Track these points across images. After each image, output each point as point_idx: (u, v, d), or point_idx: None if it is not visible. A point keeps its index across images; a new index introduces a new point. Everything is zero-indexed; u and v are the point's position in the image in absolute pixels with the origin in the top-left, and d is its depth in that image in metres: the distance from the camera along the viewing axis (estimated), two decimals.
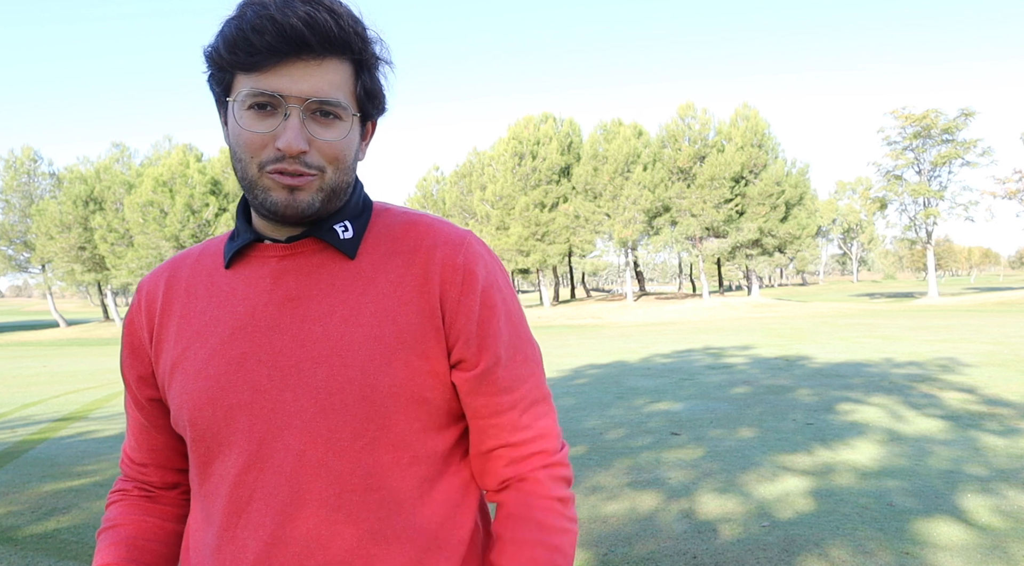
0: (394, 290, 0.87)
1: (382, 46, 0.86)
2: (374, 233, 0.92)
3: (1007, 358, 10.14)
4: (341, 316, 0.85)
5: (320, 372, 0.83)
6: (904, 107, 38.86)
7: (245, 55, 0.79)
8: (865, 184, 67.47)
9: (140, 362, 0.96)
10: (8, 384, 13.03)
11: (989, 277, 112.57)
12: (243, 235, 0.91)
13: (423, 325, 0.86)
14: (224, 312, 0.89)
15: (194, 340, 0.89)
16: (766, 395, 7.76)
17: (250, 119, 0.81)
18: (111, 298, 41.88)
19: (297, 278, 0.88)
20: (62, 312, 47.55)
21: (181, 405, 0.88)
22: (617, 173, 37.80)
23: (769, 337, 16.26)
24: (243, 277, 0.90)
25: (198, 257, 0.97)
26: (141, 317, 0.96)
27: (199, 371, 0.87)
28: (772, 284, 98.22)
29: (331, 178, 0.84)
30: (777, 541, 3.44)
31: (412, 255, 0.89)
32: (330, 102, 0.81)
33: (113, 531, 0.97)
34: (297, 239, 0.89)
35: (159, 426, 0.98)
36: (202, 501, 0.90)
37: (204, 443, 0.87)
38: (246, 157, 0.83)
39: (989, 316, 22.35)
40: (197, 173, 35.61)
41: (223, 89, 0.85)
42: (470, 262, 0.89)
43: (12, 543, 3.81)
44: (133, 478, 1.02)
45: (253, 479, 0.84)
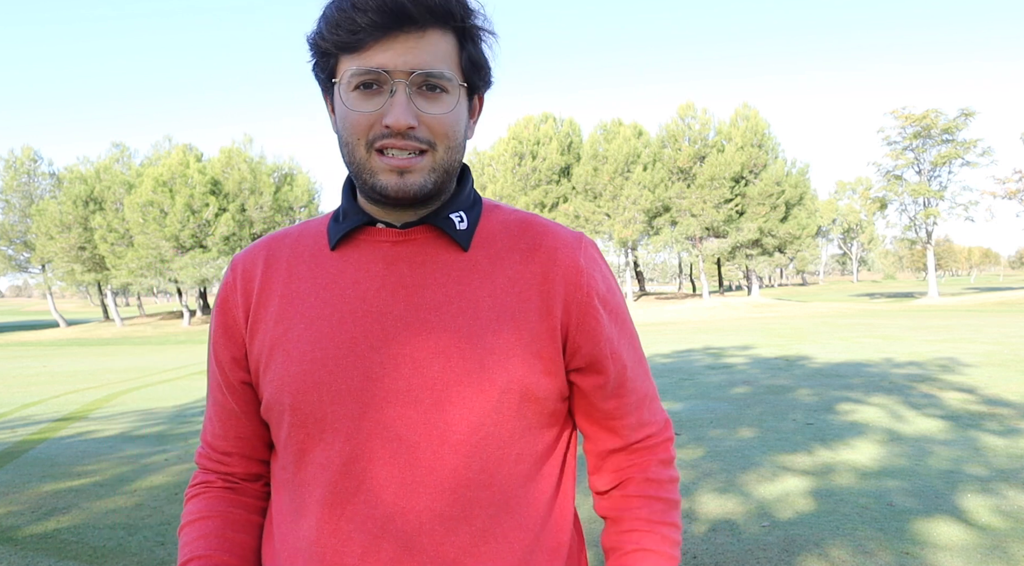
0: (512, 287, 0.85)
1: (484, 16, 0.84)
2: (487, 227, 0.90)
3: (1007, 358, 10.14)
4: (458, 307, 0.83)
5: (436, 364, 0.81)
6: (904, 107, 38.88)
7: (347, 34, 0.78)
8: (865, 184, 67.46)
9: (233, 342, 0.91)
10: (8, 384, 13.03)
11: (989, 277, 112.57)
12: (352, 217, 0.88)
13: (541, 325, 0.84)
14: (332, 295, 0.86)
15: (298, 321, 0.85)
16: (766, 395, 7.76)
17: (356, 100, 0.80)
18: (111, 298, 41.86)
19: (411, 266, 0.85)
20: (62, 312, 47.55)
21: (281, 388, 0.84)
22: (617, 173, 37.80)
23: (769, 337, 16.26)
24: (352, 260, 0.87)
25: (298, 236, 0.93)
26: (236, 295, 0.91)
27: (304, 353, 0.83)
28: (772, 284, 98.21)
29: (441, 157, 0.82)
30: (777, 541, 3.44)
31: (531, 253, 0.87)
32: (435, 74, 0.79)
33: (200, 523, 0.93)
34: (412, 225, 0.87)
35: (248, 412, 0.93)
36: (294, 490, 0.86)
37: (304, 429, 0.83)
38: (353, 139, 0.81)
39: (989, 316, 22.35)
40: (197, 173, 35.59)
41: (328, 74, 0.83)
42: (591, 266, 0.89)
43: (12, 543, 3.81)
44: (214, 470, 0.97)
45: (361, 470, 0.81)
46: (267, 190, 36.97)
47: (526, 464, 0.85)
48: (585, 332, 0.86)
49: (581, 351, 0.86)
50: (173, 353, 21.36)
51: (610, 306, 0.89)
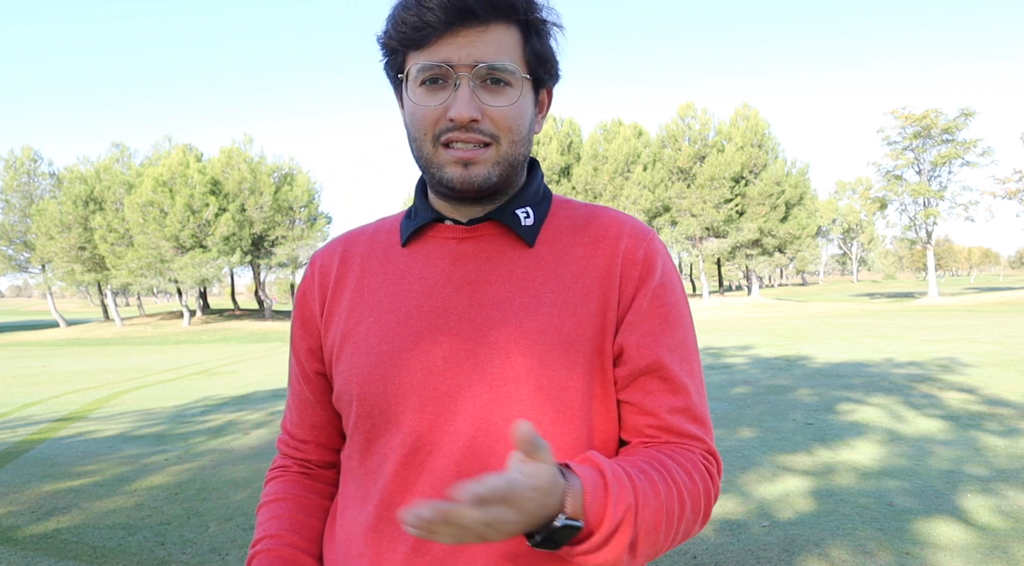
0: (575, 281, 0.85)
1: (550, 9, 0.84)
2: (554, 223, 0.90)
3: (1007, 358, 10.14)
4: (520, 304, 0.84)
5: (496, 359, 0.82)
6: (904, 107, 38.87)
7: (413, 31, 0.79)
8: (865, 184, 67.43)
9: (310, 334, 0.95)
10: (8, 384, 13.03)
11: (989, 277, 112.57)
12: (422, 214, 0.91)
13: (602, 318, 0.84)
14: (400, 289, 0.88)
15: (367, 315, 0.88)
16: (766, 395, 7.76)
17: (422, 95, 0.81)
18: (111, 298, 41.85)
19: (476, 262, 0.87)
20: (62, 312, 47.54)
21: (349, 379, 0.87)
22: (617, 173, 37.80)
23: (769, 337, 16.26)
24: (420, 256, 0.89)
25: (373, 233, 0.96)
26: (314, 289, 0.95)
27: (372, 346, 0.86)
28: (772, 284, 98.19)
29: (506, 150, 0.83)
30: (777, 541, 3.44)
31: (595, 246, 0.87)
32: (498, 67, 0.80)
33: (275, 505, 0.96)
34: (478, 222, 0.88)
35: (322, 402, 0.97)
36: (359, 478, 0.89)
37: (370, 420, 0.86)
38: (420, 134, 0.83)
39: (989, 316, 22.35)
40: (197, 173, 35.57)
41: (396, 72, 0.85)
42: (651, 255, 0.87)
43: (12, 543, 3.81)
44: (292, 456, 1.01)
45: (420, 462, 0.82)
46: (267, 190, 36.95)
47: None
48: (627, 324, 0.85)
49: (618, 338, 0.85)
50: (173, 353, 21.36)
51: (660, 303, 0.86)
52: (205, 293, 42.33)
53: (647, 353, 0.84)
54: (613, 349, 0.85)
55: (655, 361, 0.84)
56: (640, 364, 0.84)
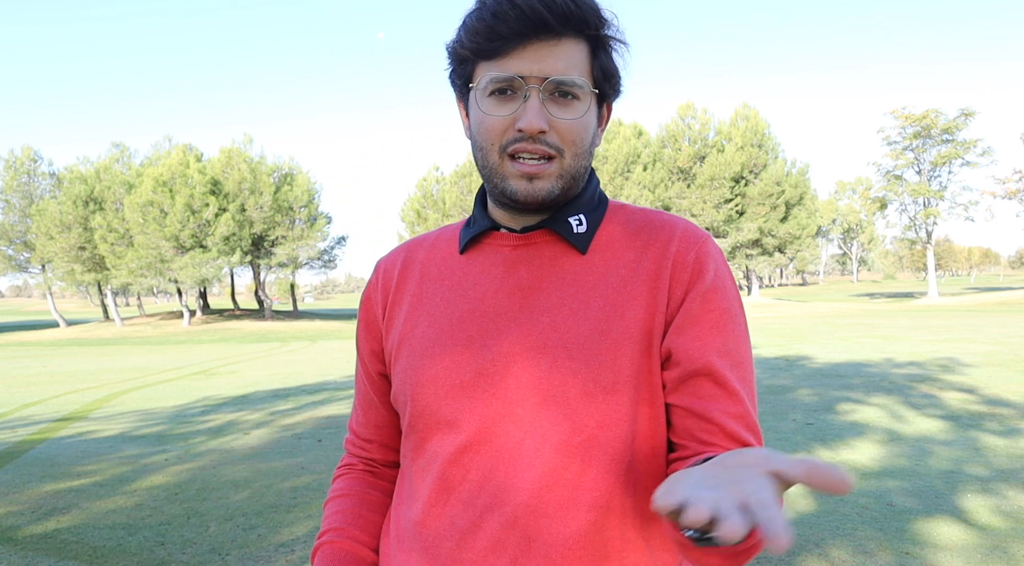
0: (624, 285, 0.86)
1: (618, 27, 0.86)
2: (608, 229, 0.91)
3: (1007, 358, 10.14)
4: (570, 309, 0.85)
5: (544, 362, 0.83)
6: (904, 107, 38.92)
7: (486, 42, 0.80)
8: (865, 184, 67.45)
9: (372, 337, 0.99)
10: (8, 384, 13.02)
11: (989, 277, 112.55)
12: (479, 222, 0.93)
13: (650, 322, 0.84)
14: (456, 295, 0.91)
15: (423, 319, 0.91)
16: (766, 395, 7.76)
17: (491, 105, 0.82)
18: (111, 298, 41.84)
19: (529, 269, 0.88)
20: (62, 312, 47.53)
21: (405, 381, 0.90)
22: (617, 173, 37.80)
23: (769, 337, 16.26)
24: (477, 263, 0.92)
25: (434, 241, 0.99)
26: (377, 293, 0.99)
27: (426, 349, 0.89)
28: (772, 284, 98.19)
29: (569, 163, 0.84)
30: None
31: (646, 249, 0.88)
32: (567, 81, 0.81)
33: (341, 500, 1.01)
34: (531, 229, 0.90)
35: (384, 403, 1.01)
36: (412, 477, 0.92)
37: (423, 420, 0.88)
38: (487, 144, 0.84)
39: (989, 316, 22.35)
40: (197, 173, 35.56)
41: (464, 81, 0.86)
42: (702, 258, 0.87)
43: (12, 543, 3.81)
44: (357, 455, 1.06)
45: (468, 460, 0.84)
46: (267, 190, 36.94)
47: (628, 465, 0.83)
48: (676, 326, 0.84)
49: (666, 340, 0.84)
50: (173, 353, 21.36)
51: (711, 307, 0.85)
52: (205, 293, 42.32)
53: (697, 356, 0.83)
54: (661, 352, 0.84)
55: (705, 365, 0.83)
56: (690, 367, 0.83)
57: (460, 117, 0.92)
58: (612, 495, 0.82)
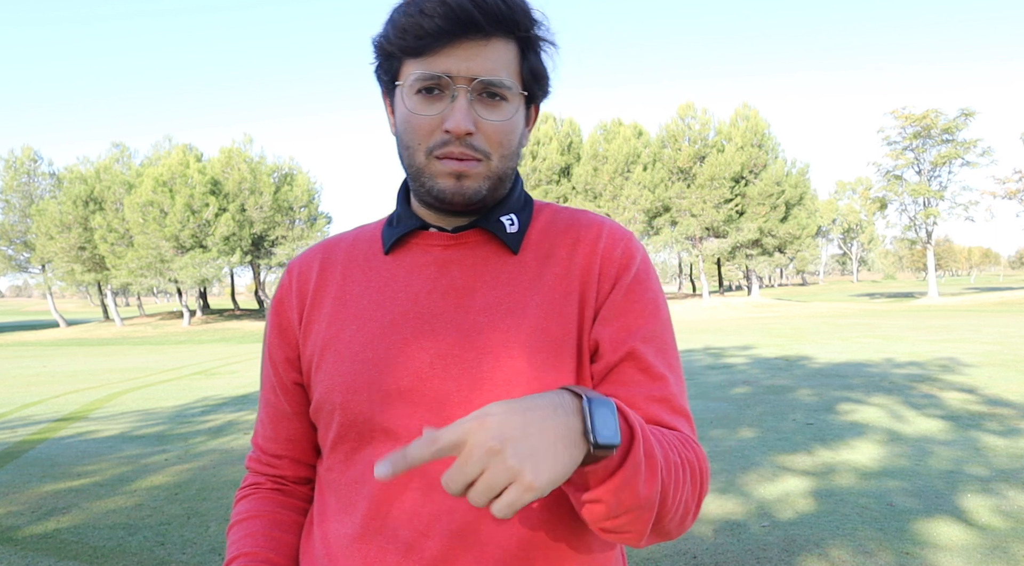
0: (559, 283, 0.86)
1: (547, 28, 0.85)
2: (537, 228, 0.91)
3: (1007, 358, 10.14)
4: (507, 308, 0.84)
5: (485, 364, 0.82)
6: (904, 107, 38.87)
7: (414, 39, 0.79)
8: (865, 184, 67.40)
9: (287, 344, 0.94)
10: (8, 384, 13.02)
11: (989, 277, 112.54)
12: (406, 222, 0.91)
13: (581, 315, 0.85)
14: (385, 298, 0.88)
15: (349, 323, 0.88)
16: (766, 395, 7.76)
17: (418, 103, 0.81)
18: (111, 298, 41.85)
19: (462, 269, 0.87)
20: (62, 312, 47.53)
21: (332, 387, 0.86)
22: (617, 173, 37.79)
23: (769, 337, 16.26)
24: (404, 264, 0.89)
25: (353, 241, 0.96)
26: (291, 298, 0.94)
27: (356, 354, 0.85)
28: (772, 284, 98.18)
29: (496, 165, 0.84)
30: (777, 541, 3.44)
31: (575, 248, 0.88)
32: (496, 82, 0.80)
33: (248, 523, 0.94)
34: (463, 229, 0.88)
35: (299, 413, 0.95)
36: (341, 489, 0.87)
37: (355, 428, 0.85)
38: (413, 143, 0.82)
39: (989, 316, 22.35)
40: (197, 173, 35.57)
41: (391, 77, 0.85)
42: (628, 253, 0.88)
43: (12, 543, 3.81)
44: (264, 472, 0.99)
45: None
46: (267, 190, 36.95)
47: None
48: (602, 318, 0.85)
49: (594, 332, 0.85)
50: (173, 353, 21.35)
51: (636, 298, 0.86)
52: (205, 293, 42.33)
53: (622, 345, 0.84)
54: (589, 345, 0.85)
55: (630, 351, 0.84)
56: (615, 356, 0.84)
57: (386, 113, 0.90)
58: (559, 497, 0.81)
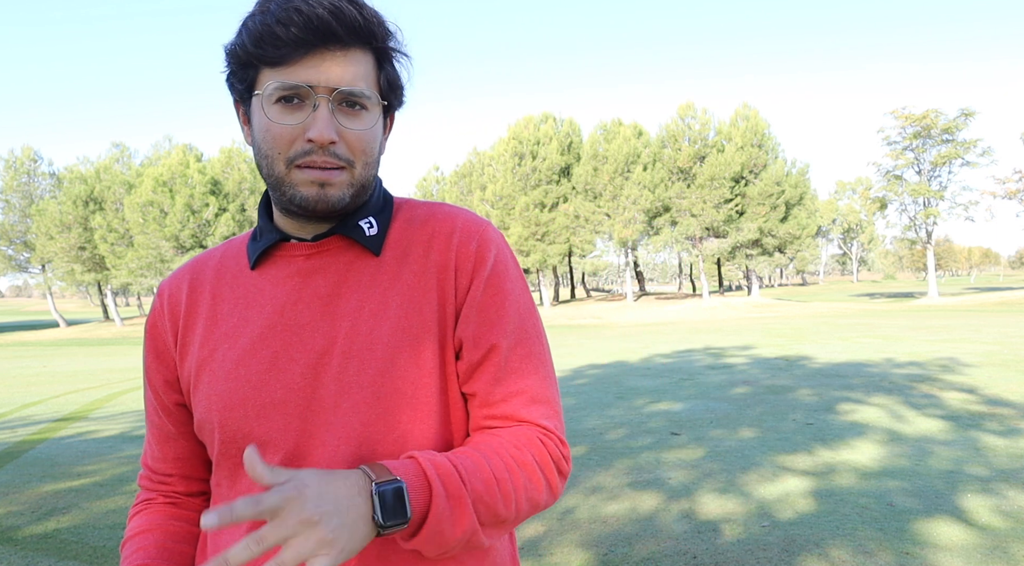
0: (417, 281, 0.87)
1: (401, 39, 0.87)
2: (397, 227, 0.92)
3: (1007, 358, 10.14)
4: (370, 311, 0.85)
5: (351, 367, 0.83)
6: (904, 107, 38.86)
7: (272, 48, 0.79)
8: (865, 184, 67.42)
9: (165, 366, 0.95)
10: (8, 384, 13.03)
11: (989, 277, 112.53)
12: (267, 235, 0.91)
13: (443, 313, 0.86)
14: (253, 312, 0.88)
15: (222, 341, 0.88)
16: (766, 395, 7.76)
17: (278, 113, 0.81)
18: (111, 298, 41.87)
19: (325, 276, 0.88)
20: (62, 312, 47.52)
21: (209, 406, 0.87)
22: (617, 173, 37.78)
23: (769, 337, 16.26)
24: (270, 277, 0.90)
25: (220, 259, 0.96)
26: (164, 320, 0.95)
27: (229, 372, 0.86)
28: (772, 284, 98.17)
29: (360, 173, 0.85)
30: (777, 541, 3.44)
31: (430, 243, 0.89)
32: (356, 92, 0.81)
33: (140, 537, 0.95)
34: (323, 237, 0.89)
35: (185, 433, 0.96)
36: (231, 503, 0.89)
37: (235, 445, 0.85)
38: (274, 153, 0.82)
39: (989, 316, 22.35)
40: (197, 173, 35.59)
41: (246, 86, 0.84)
42: (483, 248, 0.89)
43: (12, 543, 3.81)
44: (156, 490, 1.00)
45: None
46: None
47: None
48: (463, 313, 0.87)
49: (458, 330, 0.87)
50: None
51: (494, 289, 0.88)
52: None
53: (482, 342, 0.86)
54: (454, 342, 0.87)
55: (491, 347, 0.86)
56: (477, 354, 0.86)
57: (239, 122, 0.90)
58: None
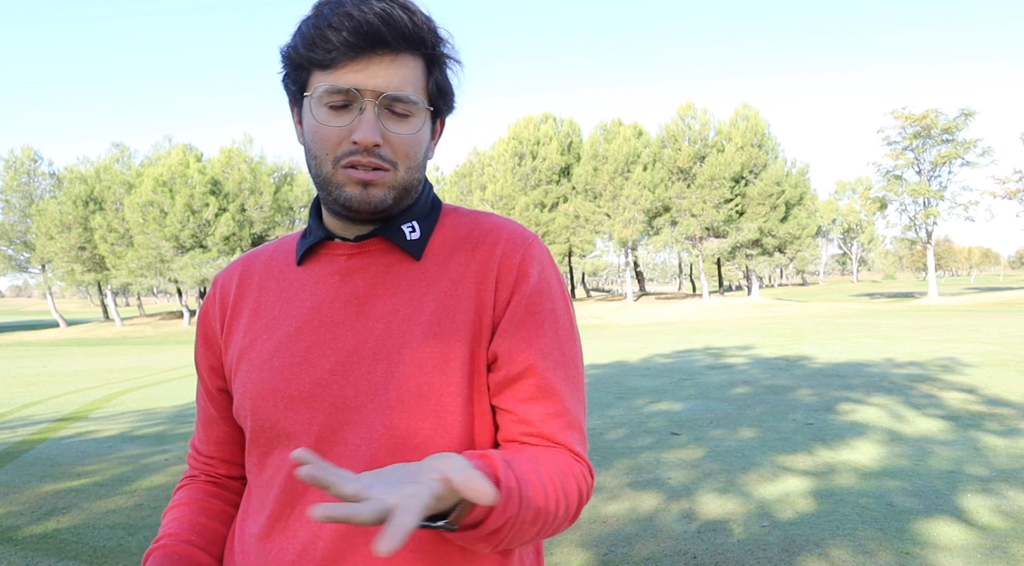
0: (454, 287, 0.88)
1: (452, 45, 0.88)
2: (441, 233, 0.93)
3: (1007, 358, 10.14)
4: (404, 316, 0.86)
5: (379, 368, 0.84)
6: (904, 107, 38.84)
7: (323, 52, 0.81)
8: (865, 184, 67.40)
9: (211, 352, 0.99)
10: (8, 384, 13.03)
11: (989, 277, 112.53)
12: (314, 233, 0.94)
13: (478, 322, 0.86)
14: (293, 306, 0.91)
15: (262, 332, 0.92)
16: (766, 395, 7.76)
17: (326, 115, 0.83)
18: (111, 298, 41.86)
19: (364, 277, 0.90)
20: (62, 312, 47.53)
21: (244, 395, 0.90)
22: (617, 173, 37.78)
23: (769, 337, 16.26)
24: (312, 274, 0.93)
25: (272, 253, 1.00)
26: (215, 308, 0.99)
27: (264, 362, 0.89)
28: (772, 284, 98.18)
29: (403, 176, 0.86)
30: (777, 541, 3.44)
31: (473, 252, 0.90)
32: (403, 98, 0.83)
33: (178, 509, 1.00)
34: (365, 238, 0.91)
35: (227, 418, 1.00)
36: (257, 490, 0.92)
37: (264, 433, 0.88)
38: (321, 153, 0.85)
39: (989, 316, 22.35)
40: (197, 173, 35.57)
41: (299, 87, 0.87)
42: (526, 263, 0.89)
43: (12, 543, 3.81)
44: (200, 469, 1.05)
45: None
46: (267, 190, 36.95)
47: None
48: (500, 328, 0.87)
49: (492, 345, 0.87)
50: (173, 353, 21.35)
51: (536, 308, 0.88)
52: (205, 293, 42.32)
53: (520, 359, 0.86)
54: (488, 355, 0.87)
55: (528, 367, 0.86)
56: (513, 370, 0.86)
57: (293, 122, 0.92)
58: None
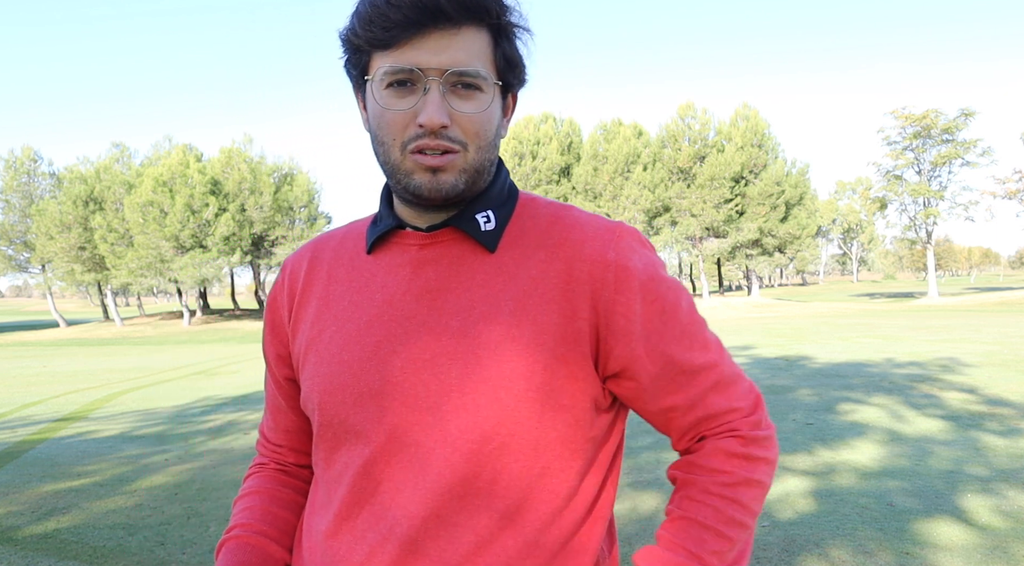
0: (535, 287, 0.82)
1: (520, 13, 0.83)
2: (518, 225, 0.87)
3: (1007, 358, 10.14)
4: (480, 312, 0.81)
5: (454, 369, 0.80)
6: (904, 107, 38.83)
7: (380, 30, 0.77)
8: (865, 184, 67.35)
9: (279, 340, 0.96)
10: (8, 384, 13.03)
11: (989, 277, 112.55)
12: (385, 220, 0.89)
13: (565, 327, 0.81)
14: (363, 298, 0.87)
15: (331, 323, 0.88)
16: (766, 395, 7.76)
17: (389, 98, 0.79)
18: (111, 298, 41.86)
19: (436, 269, 0.85)
20: (62, 312, 47.53)
21: (312, 388, 0.87)
22: (617, 173, 37.80)
23: (769, 337, 16.26)
24: (384, 264, 0.88)
25: (341, 239, 0.95)
26: (283, 295, 0.95)
27: (334, 355, 0.86)
28: (772, 284, 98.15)
29: (473, 157, 0.81)
30: (777, 541, 3.44)
31: (556, 250, 0.84)
32: (469, 73, 0.78)
33: (248, 498, 0.98)
34: (437, 228, 0.86)
35: (294, 408, 0.98)
36: (325, 485, 0.89)
37: (332, 428, 0.85)
38: (388, 139, 0.80)
39: (989, 316, 22.35)
40: (197, 173, 35.56)
41: (360, 71, 0.83)
42: (623, 256, 0.83)
43: (12, 543, 3.81)
44: (269, 456, 1.03)
45: (380, 471, 0.82)
46: (267, 190, 36.93)
47: (555, 479, 0.82)
48: (615, 333, 0.82)
49: (613, 353, 0.82)
50: (173, 353, 21.35)
51: (653, 297, 0.83)
52: (205, 293, 42.32)
53: (657, 356, 0.83)
54: (601, 359, 0.83)
55: (667, 359, 0.83)
56: (654, 368, 0.83)
57: (358, 109, 0.87)
58: (523, 503, 0.81)
